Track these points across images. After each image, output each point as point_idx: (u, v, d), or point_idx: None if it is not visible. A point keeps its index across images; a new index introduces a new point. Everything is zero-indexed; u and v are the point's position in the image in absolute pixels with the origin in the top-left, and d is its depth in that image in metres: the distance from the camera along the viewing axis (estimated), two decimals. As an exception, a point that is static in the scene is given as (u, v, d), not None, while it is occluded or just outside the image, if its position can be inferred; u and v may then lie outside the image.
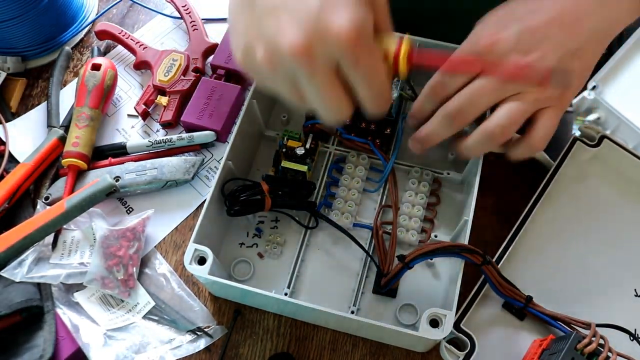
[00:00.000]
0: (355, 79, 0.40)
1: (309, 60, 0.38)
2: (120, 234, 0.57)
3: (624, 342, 0.50)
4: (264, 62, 0.39)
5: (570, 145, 0.58)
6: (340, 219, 0.57)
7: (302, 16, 0.38)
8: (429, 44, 0.58)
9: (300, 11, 0.38)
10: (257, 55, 0.40)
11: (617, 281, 0.55)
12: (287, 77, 0.40)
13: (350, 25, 0.37)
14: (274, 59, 0.39)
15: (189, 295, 0.56)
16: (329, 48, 0.38)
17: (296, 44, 0.37)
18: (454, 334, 0.50)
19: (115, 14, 0.75)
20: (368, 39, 0.39)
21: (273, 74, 0.40)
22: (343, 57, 0.38)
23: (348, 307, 0.54)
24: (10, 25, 0.66)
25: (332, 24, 0.37)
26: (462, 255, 0.48)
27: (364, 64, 0.39)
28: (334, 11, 0.37)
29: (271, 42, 0.39)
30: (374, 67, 0.39)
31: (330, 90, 0.39)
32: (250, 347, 0.54)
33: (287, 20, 0.38)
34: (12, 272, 0.55)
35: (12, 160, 0.64)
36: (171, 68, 0.67)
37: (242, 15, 0.42)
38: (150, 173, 0.60)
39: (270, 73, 0.40)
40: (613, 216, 0.58)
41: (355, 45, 0.37)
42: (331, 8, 0.37)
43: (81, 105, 0.63)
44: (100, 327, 0.54)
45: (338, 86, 0.40)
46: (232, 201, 0.54)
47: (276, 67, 0.39)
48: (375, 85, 0.40)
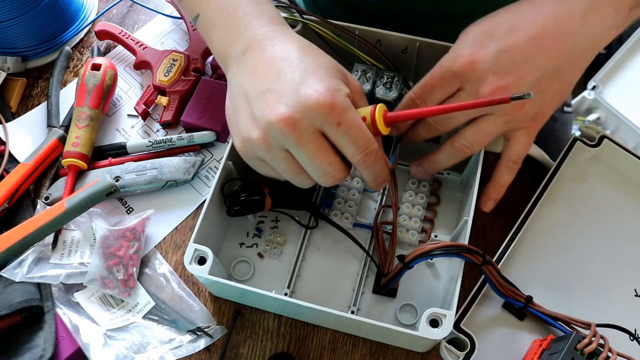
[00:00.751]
0: (339, 139, 0.43)
1: (295, 128, 0.42)
2: (120, 234, 0.57)
3: (624, 342, 0.50)
4: (260, 141, 0.44)
5: (570, 145, 0.58)
6: (340, 219, 0.57)
7: (285, 93, 0.43)
8: (427, 43, 0.58)
9: (283, 90, 0.44)
10: (253, 138, 0.45)
11: (617, 281, 0.55)
12: (281, 151, 0.44)
13: (326, 93, 0.42)
14: (266, 136, 0.44)
15: (189, 295, 0.56)
16: (311, 115, 0.42)
17: (281, 117, 0.42)
18: (454, 334, 0.50)
19: (115, 14, 0.75)
20: (344, 102, 0.43)
21: (269, 151, 0.45)
22: (325, 121, 0.43)
23: (348, 307, 0.54)
24: (10, 25, 0.66)
25: (311, 95, 0.42)
26: (462, 255, 0.48)
27: (344, 123, 0.43)
28: (311, 84, 0.43)
29: (263, 121, 0.44)
30: (353, 124, 0.43)
31: (319, 153, 0.44)
32: (250, 347, 0.54)
33: (273, 100, 0.44)
34: (12, 272, 0.55)
35: (12, 160, 0.64)
36: (171, 68, 0.67)
37: (238, 110, 0.47)
38: (150, 173, 0.60)
39: (267, 151, 0.45)
40: (613, 216, 0.58)
41: (333, 109, 0.42)
42: (309, 82, 0.43)
43: (81, 105, 0.63)
44: (100, 327, 0.54)
45: (326, 149, 0.44)
46: (232, 201, 0.54)
47: (270, 143, 0.44)
48: (359, 139, 0.44)
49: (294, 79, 0.44)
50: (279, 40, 0.47)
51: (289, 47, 0.46)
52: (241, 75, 0.47)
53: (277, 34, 0.48)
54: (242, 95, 0.46)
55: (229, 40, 0.50)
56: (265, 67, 0.46)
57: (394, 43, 0.59)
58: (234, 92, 0.48)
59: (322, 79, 0.43)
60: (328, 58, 0.47)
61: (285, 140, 0.43)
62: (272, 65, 0.45)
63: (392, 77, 0.55)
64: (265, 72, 0.45)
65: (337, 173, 0.45)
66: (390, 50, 0.59)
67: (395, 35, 0.58)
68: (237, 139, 0.48)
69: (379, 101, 0.54)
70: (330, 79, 0.44)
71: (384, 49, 0.59)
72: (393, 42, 0.59)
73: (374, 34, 0.59)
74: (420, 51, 0.59)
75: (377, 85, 0.55)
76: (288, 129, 0.42)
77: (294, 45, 0.47)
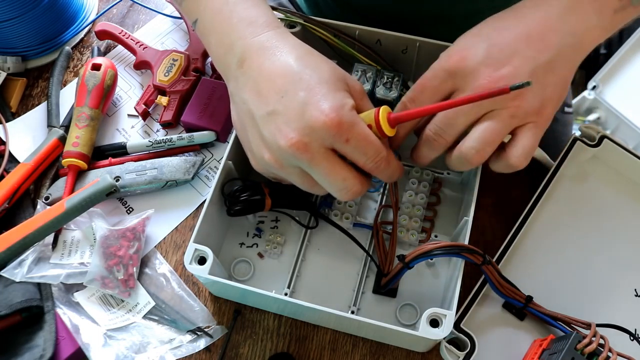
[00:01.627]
0: (350, 153, 0.45)
1: (306, 151, 0.44)
2: (120, 234, 0.57)
3: (624, 342, 0.50)
4: (272, 162, 0.46)
5: (570, 145, 0.58)
6: (340, 219, 0.57)
7: (291, 117, 0.44)
8: (427, 43, 0.58)
9: (289, 112, 0.44)
10: (266, 159, 0.46)
11: (617, 281, 0.55)
12: (294, 169, 0.46)
13: (332, 113, 0.43)
14: (278, 158, 0.46)
15: (189, 295, 0.56)
16: (320, 136, 0.43)
17: (291, 142, 0.44)
18: (454, 334, 0.50)
19: (116, 14, 0.75)
20: (350, 117, 0.44)
21: (282, 170, 0.46)
22: (334, 140, 0.44)
23: (348, 307, 0.54)
24: (10, 25, 0.66)
25: (317, 116, 0.43)
26: (462, 255, 0.48)
27: (353, 138, 0.44)
28: (316, 105, 0.44)
29: (272, 145, 0.45)
30: (363, 137, 0.44)
31: (334, 170, 0.45)
32: (250, 347, 0.54)
33: (281, 124, 0.44)
34: (12, 272, 0.55)
35: (12, 160, 0.64)
36: (171, 68, 0.67)
37: (246, 128, 0.48)
38: (150, 173, 0.60)
39: (280, 170, 0.47)
40: (613, 216, 0.58)
41: (341, 127, 0.43)
42: (314, 103, 0.44)
43: (81, 105, 0.63)
44: (100, 327, 0.54)
45: (340, 165, 0.45)
46: (232, 201, 0.54)
47: (282, 164, 0.46)
48: (369, 150, 0.45)
49: (298, 100, 0.44)
50: (275, 50, 0.47)
51: (287, 59, 0.46)
52: (243, 92, 0.47)
53: (272, 43, 0.47)
54: (248, 114, 0.47)
55: (224, 48, 0.50)
56: (267, 84, 0.46)
57: (394, 43, 0.59)
58: (239, 108, 0.49)
59: (325, 96, 0.44)
60: (328, 66, 0.47)
61: (297, 162, 0.45)
62: (273, 82, 0.46)
63: (392, 77, 0.55)
64: (267, 91, 0.46)
65: (354, 186, 0.46)
66: (390, 50, 0.59)
67: (395, 35, 0.58)
68: (251, 157, 0.50)
69: (380, 101, 0.54)
70: (334, 94, 0.44)
71: (384, 49, 0.59)
72: (393, 42, 0.59)
73: (374, 34, 0.59)
74: (420, 51, 0.59)
75: (377, 85, 0.55)
76: (299, 152, 0.44)
77: (292, 56, 0.47)
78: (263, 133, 0.46)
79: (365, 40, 0.59)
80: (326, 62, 0.47)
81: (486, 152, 0.47)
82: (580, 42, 0.48)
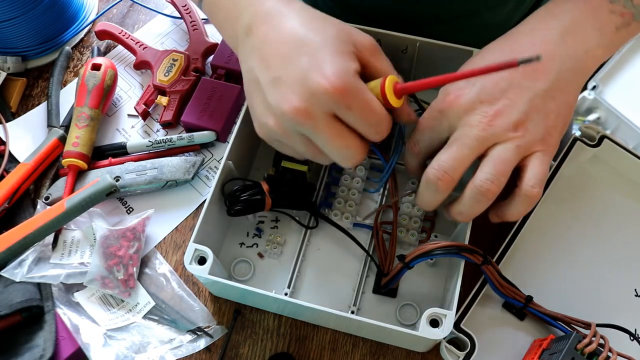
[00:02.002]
0: (352, 121, 0.44)
1: (309, 118, 0.43)
2: (120, 234, 0.57)
3: (624, 342, 0.50)
4: (276, 129, 0.45)
5: (570, 145, 0.58)
6: (340, 219, 0.57)
7: (294, 82, 0.43)
8: (427, 43, 0.58)
9: (292, 78, 0.44)
10: (270, 125, 0.46)
11: (617, 281, 0.55)
12: (298, 136, 0.45)
13: (334, 79, 0.42)
14: (282, 124, 0.45)
15: (189, 295, 0.56)
16: (322, 102, 0.43)
17: (294, 108, 0.43)
18: (454, 334, 0.50)
19: (116, 14, 0.75)
20: (353, 84, 0.43)
21: (286, 136, 0.46)
22: (336, 107, 0.43)
23: (348, 307, 0.54)
24: (10, 25, 0.66)
25: (319, 82, 0.42)
26: (462, 255, 0.48)
27: (355, 106, 0.43)
28: (319, 70, 0.43)
29: (276, 111, 0.45)
30: (365, 105, 0.43)
31: (336, 137, 0.44)
32: (250, 347, 0.54)
33: (284, 89, 0.44)
34: (12, 272, 0.55)
35: (12, 160, 0.64)
36: (171, 68, 0.67)
37: (253, 95, 0.47)
38: (150, 173, 0.60)
39: (284, 136, 0.46)
40: (613, 216, 0.58)
41: (343, 93, 0.42)
42: (316, 68, 0.43)
43: (81, 105, 0.63)
44: (100, 327, 0.54)
45: (343, 132, 0.44)
46: (233, 201, 0.54)
47: (286, 130, 0.45)
48: (371, 119, 0.44)
49: (301, 66, 0.43)
50: (281, 18, 0.46)
51: (292, 24, 0.46)
52: (250, 60, 0.47)
53: (278, 9, 0.47)
54: (254, 81, 0.47)
55: (232, 20, 0.49)
56: (272, 51, 0.45)
57: (394, 43, 0.59)
58: (246, 76, 0.48)
59: (329, 60, 0.43)
60: (333, 28, 0.46)
61: (300, 128, 0.44)
62: (278, 49, 0.45)
63: None
64: (272, 58, 0.45)
65: (356, 155, 0.45)
66: (390, 50, 0.59)
67: (395, 35, 0.58)
68: (255, 123, 0.49)
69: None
70: (338, 57, 0.43)
71: (384, 49, 0.59)
72: (393, 42, 0.59)
73: (374, 34, 0.58)
74: (420, 51, 0.59)
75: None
76: (302, 118, 0.43)
77: (297, 21, 0.46)
78: (268, 99, 0.45)
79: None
80: (331, 24, 0.46)
81: (500, 182, 0.45)
82: (581, 65, 0.47)
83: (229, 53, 0.66)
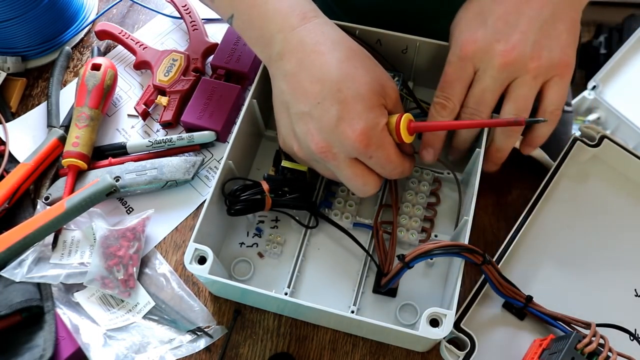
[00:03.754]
0: (372, 165, 0.49)
1: (333, 159, 0.48)
2: (120, 234, 0.57)
3: (624, 342, 0.50)
4: (299, 154, 0.51)
5: (570, 145, 0.58)
6: (340, 219, 0.57)
7: (324, 126, 0.47)
8: (427, 43, 0.58)
9: (322, 121, 0.47)
10: (294, 148, 0.51)
11: (617, 281, 0.55)
12: (319, 164, 0.51)
13: (361, 135, 0.46)
14: (305, 153, 0.50)
15: (189, 295, 0.56)
16: (347, 150, 0.47)
17: (320, 147, 0.48)
18: (454, 334, 0.50)
19: (115, 14, 0.75)
20: (379, 139, 0.47)
21: (307, 160, 0.52)
22: (358, 154, 0.48)
23: (348, 307, 0.54)
24: (10, 25, 0.66)
25: (348, 134, 0.46)
26: (462, 255, 0.48)
27: (376, 157, 0.48)
28: (350, 123, 0.46)
29: (302, 142, 0.49)
30: (386, 157, 0.48)
31: (354, 175, 0.49)
32: (250, 347, 0.54)
33: (313, 128, 0.48)
34: (12, 272, 0.55)
35: (12, 160, 0.64)
36: (171, 68, 0.67)
37: (281, 114, 0.51)
38: (150, 173, 0.60)
39: (304, 160, 0.52)
40: (613, 216, 0.58)
41: (366, 146, 0.47)
42: (348, 120, 0.46)
43: (81, 105, 0.63)
44: (100, 327, 0.54)
45: (363, 172, 0.49)
46: (233, 201, 0.54)
47: (308, 158, 0.51)
48: (389, 166, 0.49)
49: (333, 113, 0.46)
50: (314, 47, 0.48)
51: (327, 60, 0.47)
52: (282, 83, 0.50)
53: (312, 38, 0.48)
54: (284, 104, 0.50)
55: (264, 41, 0.51)
56: (305, 85, 0.48)
57: (394, 43, 0.59)
58: (276, 93, 0.51)
59: (360, 114, 0.46)
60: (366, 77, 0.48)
61: (323, 162, 0.49)
62: (311, 85, 0.47)
63: (392, 77, 0.55)
64: (304, 92, 0.48)
65: (373, 189, 0.51)
66: (390, 50, 0.59)
67: (395, 35, 0.58)
68: (280, 138, 0.53)
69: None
70: (369, 113, 0.47)
71: (384, 49, 0.59)
72: (393, 42, 0.59)
73: (374, 34, 0.59)
74: (420, 51, 0.59)
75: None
76: (326, 157, 0.48)
77: (333, 58, 0.48)
78: (295, 128, 0.49)
79: (365, 40, 0.58)
80: (366, 72, 0.48)
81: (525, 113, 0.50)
82: None
83: (229, 53, 0.66)
